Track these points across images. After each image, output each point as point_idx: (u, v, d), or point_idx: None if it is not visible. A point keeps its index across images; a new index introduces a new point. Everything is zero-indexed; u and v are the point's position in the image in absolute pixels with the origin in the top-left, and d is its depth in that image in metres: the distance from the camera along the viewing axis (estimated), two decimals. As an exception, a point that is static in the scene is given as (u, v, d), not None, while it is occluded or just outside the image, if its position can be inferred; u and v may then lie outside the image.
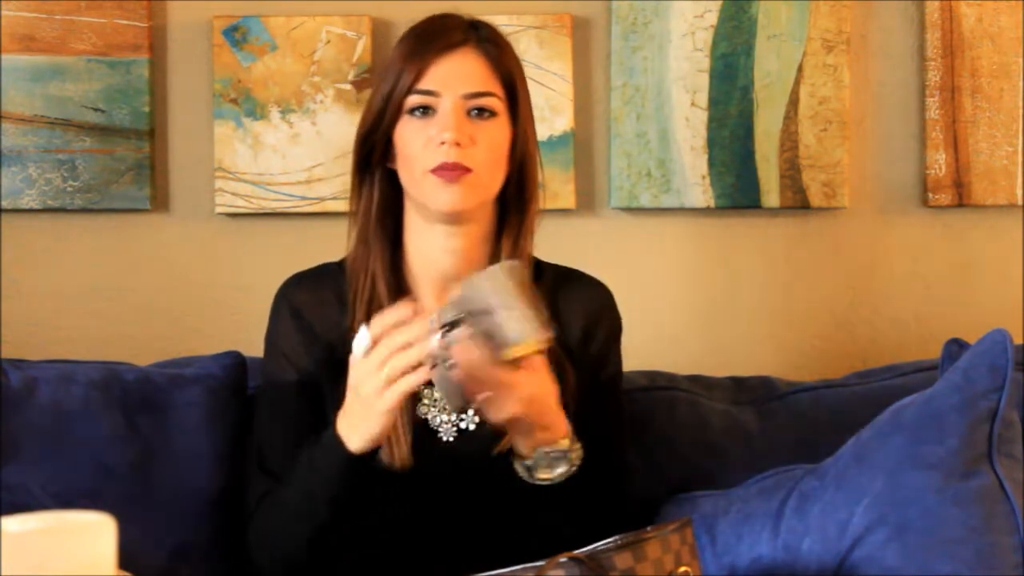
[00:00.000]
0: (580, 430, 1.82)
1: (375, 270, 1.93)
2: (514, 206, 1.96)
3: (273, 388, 1.98)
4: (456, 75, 1.88)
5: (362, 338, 1.71)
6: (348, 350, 1.80)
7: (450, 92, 1.88)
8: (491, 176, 1.91)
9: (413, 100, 1.88)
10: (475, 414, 1.90)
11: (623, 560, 1.57)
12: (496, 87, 1.90)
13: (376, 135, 1.92)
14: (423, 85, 1.88)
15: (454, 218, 1.90)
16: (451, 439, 1.91)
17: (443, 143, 1.86)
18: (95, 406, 2.15)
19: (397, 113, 1.90)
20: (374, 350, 1.69)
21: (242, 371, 2.26)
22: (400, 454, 1.85)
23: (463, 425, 1.91)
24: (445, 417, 1.91)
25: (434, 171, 1.87)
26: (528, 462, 1.77)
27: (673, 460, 2.22)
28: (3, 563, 1.08)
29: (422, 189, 1.89)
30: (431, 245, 1.94)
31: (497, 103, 1.90)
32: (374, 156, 1.94)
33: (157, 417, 2.16)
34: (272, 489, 1.91)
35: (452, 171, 1.86)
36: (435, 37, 1.91)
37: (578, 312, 2.00)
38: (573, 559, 1.55)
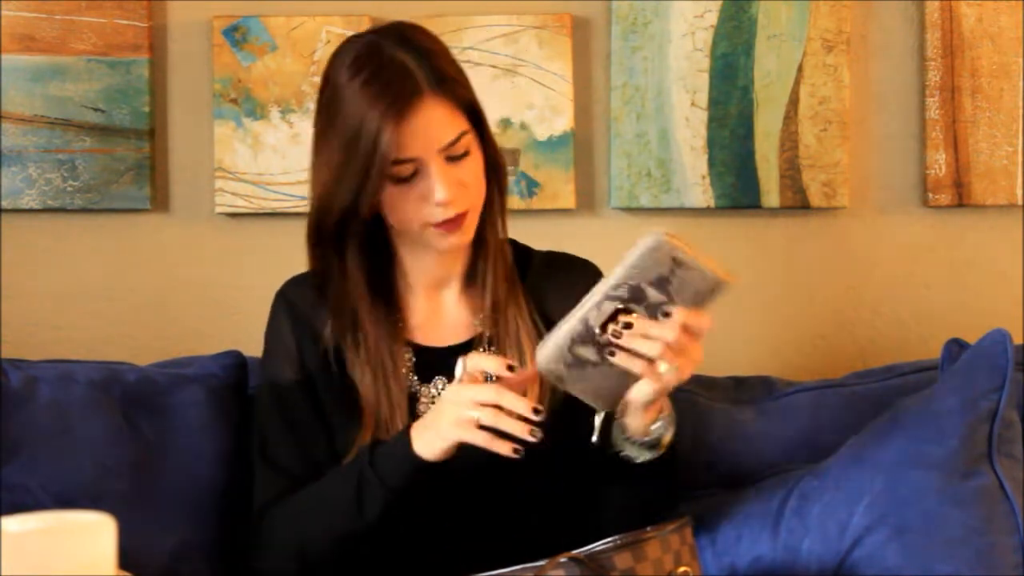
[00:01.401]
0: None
1: (358, 303, 1.93)
2: (494, 189, 1.95)
3: (274, 386, 1.98)
4: (428, 133, 1.82)
5: (458, 368, 1.74)
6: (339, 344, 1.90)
7: (429, 152, 1.82)
8: (480, 199, 1.90)
9: (395, 171, 1.82)
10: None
11: (623, 560, 1.58)
12: (463, 122, 1.86)
13: (357, 212, 1.86)
14: (402, 155, 1.81)
15: None
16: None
17: (437, 204, 1.83)
18: (95, 406, 2.15)
19: (379, 188, 1.84)
20: (470, 385, 1.71)
21: (242, 371, 2.26)
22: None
23: None
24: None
25: (435, 226, 1.85)
26: (647, 438, 1.78)
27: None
28: (3, 563, 1.08)
29: (422, 238, 1.88)
30: (426, 258, 1.95)
31: (469, 138, 1.86)
32: (350, 228, 1.90)
33: (157, 417, 2.17)
34: (290, 488, 1.91)
35: (452, 223, 1.85)
36: (391, 94, 1.81)
37: (570, 296, 1.96)
38: (573, 559, 1.56)
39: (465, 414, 1.69)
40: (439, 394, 1.91)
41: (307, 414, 1.94)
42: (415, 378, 1.93)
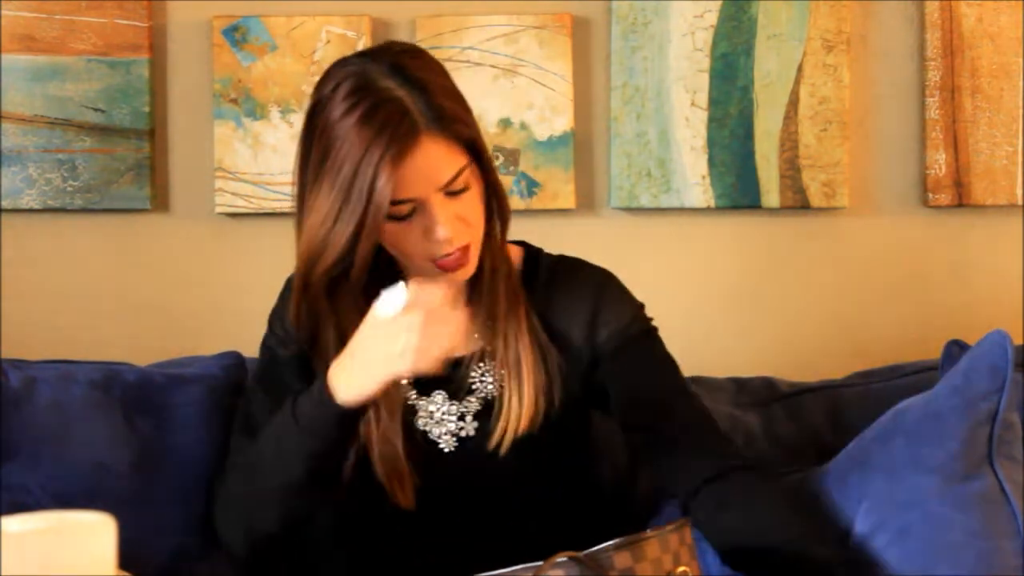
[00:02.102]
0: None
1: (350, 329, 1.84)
2: (495, 218, 1.90)
3: (269, 364, 1.96)
4: (427, 172, 1.75)
5: (397, 296, 1.70)
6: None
7: (428, 190, 1.75)
8: (481, 230, 1.85)
9: (393, 210, 1.74)
10: (473, 419, 1.90)
11: (622, 560, 1.57)
12: (462, 157, 1.78)
13: (353, 257, 1.78)
14: (400, 196, 1.73)
15: None
16: (452, 449, 1.90)
17: (439, 242, 1.79)
18: (95, 406, 2.15)
19: (376, 231, 1.76)
20: (409, 313, 1.68)
21: (242, 371, 2.26)
22: (405, 498, 1.85)
23: (463, 433, 1.90)
24: (443, 429, 1.90)
25: (439, 264, 1.81)
26: None
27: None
28: (4, 563, 1.09)
29: (424, 270, 1.83)
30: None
31: (468, 172, 1.79)
32: (341, 280, 1.83)
33: (157, 417, 2.16)
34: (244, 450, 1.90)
35: (455, 259, 1.81)
36: (388, 135, 1.73)
37: (572, 305, 1.96)
38: (572, 559, 1.55)
39: (410, 343, 1.67)
40: (437, 410, 1.90)
41: (297, 387, 1.89)
42: (413, 392, 1.91)
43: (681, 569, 1.59)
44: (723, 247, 2.63)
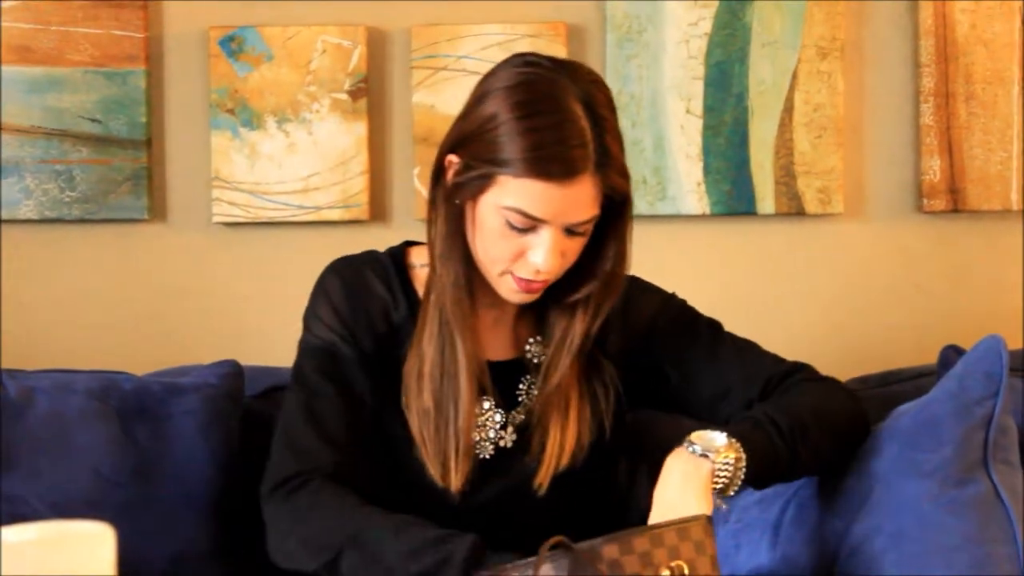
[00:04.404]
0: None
1: (456, 277, 1.85)
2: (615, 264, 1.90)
3: (326, 352, 1.91)
4: (565, 208, 1.75)
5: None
6: (391, 331, 1.88)
7: (557, 223, 1.76)
8: (564, 270, 1.85)
9: (516, 219, 1.76)
10: (514, 431, 1.91)
11: (610, 551, 1.57)
12: (597, 208, 1.79)
13: (461, 192, 1.81)
14: (534, 212, 1.75)
15: None
16: (488, 456, 1.90)
17: (533, 266, 1.79)
18: (93, 415, 2.15)
19: (480, 192, 1.78)
20: None
21: (239, 380, 2.27)
22: (457, 480, 1.84)
23: (501, 443, 1.90)
24: (484, 435, 1.89)
25: (515, 279, 1.81)
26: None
27: None
28: (3, 574, 1.08)
29: (494, 279, 1.84)
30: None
31: (591, 223, 1.80)
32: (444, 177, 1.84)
33: (154, 426, 2.17)
34: (337, 456, 1.85)
35: (532, 285, 1.82)
36: (556, 159, 1.73)
37: (624, 328, 1.98)
38: (563, 545, 1.55)
39: None
40: (482, 415, 1.89)
41: (361, 383, 1.89)
42: None
43: (676, 563, 1.58)
44: (719, 254, 2.64)
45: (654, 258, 2.60)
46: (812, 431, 1.83)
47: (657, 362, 1.98)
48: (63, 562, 1.10)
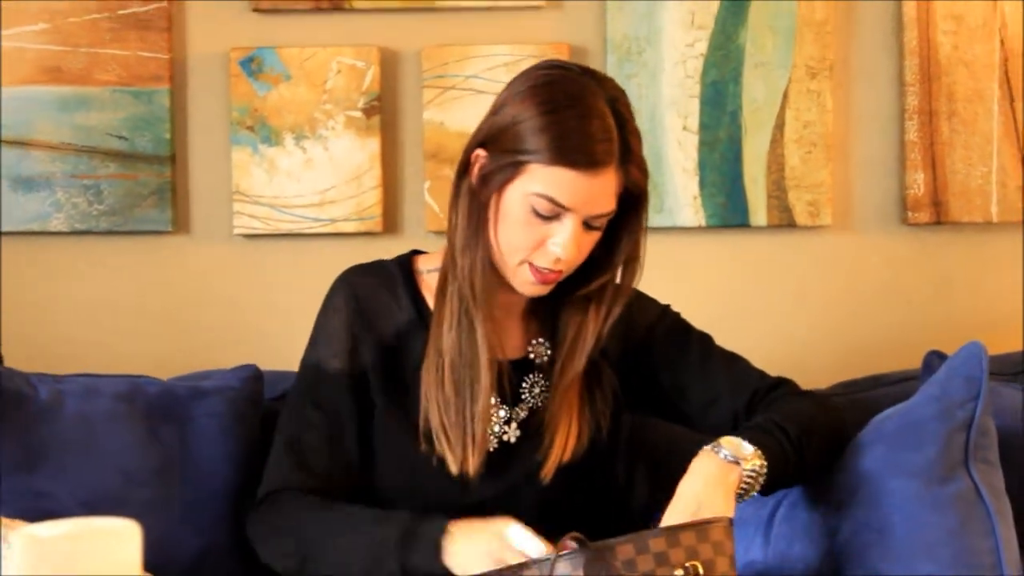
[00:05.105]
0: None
1: (478, 263, 1.87)
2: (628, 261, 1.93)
3: (318, 373, 1.95)
4: (589, 198, 1.79)
5: (531, 545, 1.69)
6: (399, 341, 1.91)
7: (579, 212, 1.80)
8: (578, 265, 1.90)
9: (542, 206, 1.79)
10: (517, 427, 1.93)
11: (624, 551, 1.58)
12: (615, 203, 1.84)
13: (487, 187, 1.84)
14: (561, 199, 1.78)
15: None
16: (492, 450, 1.92)
17: (552, 254, 1.82)
18: (120, 417, 2.17)
19: (506, 184, 1.82)
20: (524, 538, 1.69)
21: (259, 383, 2.28)
22: (474, 463, 1.87)
23: (504, 438, 1.93)
24: (488, 429, 1.91)
25: (532, 270, 1.84)
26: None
27: (672, 467, 2.19)
28: (33, 567, 1.12)
29: (511, 270, 1.86)
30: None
31: (608, 218, 1.85)
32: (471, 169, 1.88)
33: (178, 427, 2.18)
34: (310, 483, 1.90)
35: (548, 276, 1.85)
36: (584, 151, 1.78)
37: (618, 339, 2.01)
38: (579, 540, 1.56)
39: (502, 555, 1.69)
40: (490, 407, 1.91)
41: (351, 403, 1.93)
42: None
43: (690, 563, 1.59)
44: (714, 264, 2.66)
45: (652, 268, 2.61)
46: (814, 438, 1.87)
47: (652, 370, 2.02)
48: (92, 556, 1.12)
